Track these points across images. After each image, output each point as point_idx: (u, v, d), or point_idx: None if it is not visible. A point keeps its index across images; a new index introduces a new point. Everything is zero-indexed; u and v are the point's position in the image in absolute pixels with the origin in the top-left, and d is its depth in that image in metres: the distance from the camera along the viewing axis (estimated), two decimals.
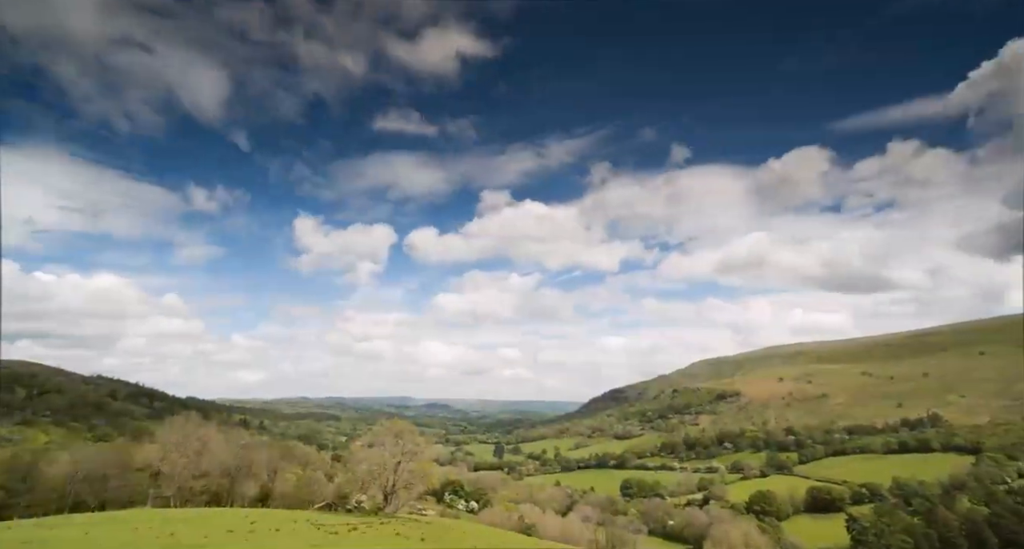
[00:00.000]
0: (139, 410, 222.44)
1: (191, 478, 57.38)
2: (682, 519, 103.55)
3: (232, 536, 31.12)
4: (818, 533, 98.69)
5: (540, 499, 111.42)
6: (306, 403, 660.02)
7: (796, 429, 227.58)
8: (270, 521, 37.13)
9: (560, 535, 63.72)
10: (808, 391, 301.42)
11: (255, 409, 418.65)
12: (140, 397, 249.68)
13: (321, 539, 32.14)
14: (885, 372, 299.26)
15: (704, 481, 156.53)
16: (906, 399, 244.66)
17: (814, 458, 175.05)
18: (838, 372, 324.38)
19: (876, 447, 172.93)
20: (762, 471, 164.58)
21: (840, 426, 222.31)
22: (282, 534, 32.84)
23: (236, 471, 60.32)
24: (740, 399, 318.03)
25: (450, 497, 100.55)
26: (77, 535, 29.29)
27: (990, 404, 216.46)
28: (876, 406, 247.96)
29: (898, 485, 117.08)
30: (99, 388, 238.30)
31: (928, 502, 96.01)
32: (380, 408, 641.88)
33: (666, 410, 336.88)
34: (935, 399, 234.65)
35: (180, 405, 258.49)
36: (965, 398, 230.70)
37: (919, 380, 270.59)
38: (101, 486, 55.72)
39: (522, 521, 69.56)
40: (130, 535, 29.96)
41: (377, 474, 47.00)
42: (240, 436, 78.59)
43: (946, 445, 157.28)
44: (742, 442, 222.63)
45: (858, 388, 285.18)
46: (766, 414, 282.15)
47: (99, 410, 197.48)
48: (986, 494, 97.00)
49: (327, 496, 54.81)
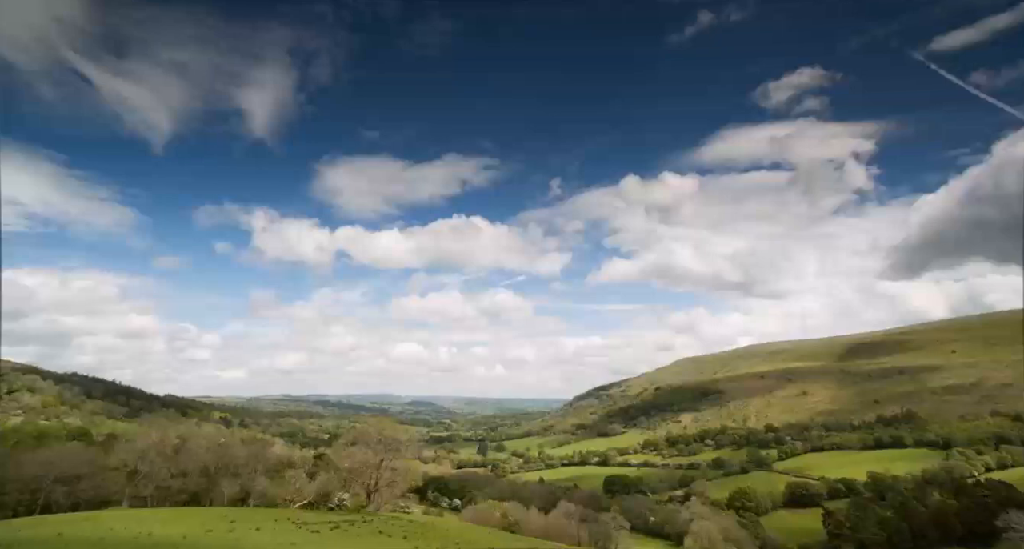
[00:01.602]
0: (116, 408, 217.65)
1: (169, 477, 56.32)
2: (664, 515, 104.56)
3: (211, 535, 30.65)
4: (796, 527, 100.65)
5: (524, 496, 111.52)
6: (288, 401, 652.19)
7: (776, 426, 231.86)
8: (250, 520, 36.66)
9: (543, 531, 63.95)
10: (788, 389, 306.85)
11: (236, 407, 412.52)
12: (117, 395, 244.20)
13: (302, 538, 31.83)
14: (862, 370, 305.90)
15: (686, 478, 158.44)
16: (881, 396, 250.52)
17: (793, 454, 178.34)
18: (817, 370, 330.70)
19: (852, 443, 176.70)
20: (742, 467, 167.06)
21: (818, 423, 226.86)
22: (262, 533, 32.46)
23: (216, 470, 59.36)
24: (722, 397, 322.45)
25: (434, 495, 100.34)
26: (50, 536, 28.59)
27: (960, 401, 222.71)
28: (853, 403, 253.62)
29: (873, 480, 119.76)
30: (74, 386, 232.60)
31: (901, 496, 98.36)
32: (363, 406, 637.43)
33: (649, 408, 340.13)
34: (909, 397, 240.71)
35: (158, 403, 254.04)
36: (938, 395, 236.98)
37: (895, 378, 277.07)
38: (75, 486, 54.38)
39: (505, 518, 69.70)
40: (105, 535, 29.34)
41: (360, 472, 46.72)
42: (220, 434, 77.25)
43: (919, 441, 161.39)
44: (723, 439, 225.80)
45: (836, 386, 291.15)
46: (747, 411, 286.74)
47: (74, 408, 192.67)
48: (955, 487, 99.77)
49: (309, 494, 54.20)
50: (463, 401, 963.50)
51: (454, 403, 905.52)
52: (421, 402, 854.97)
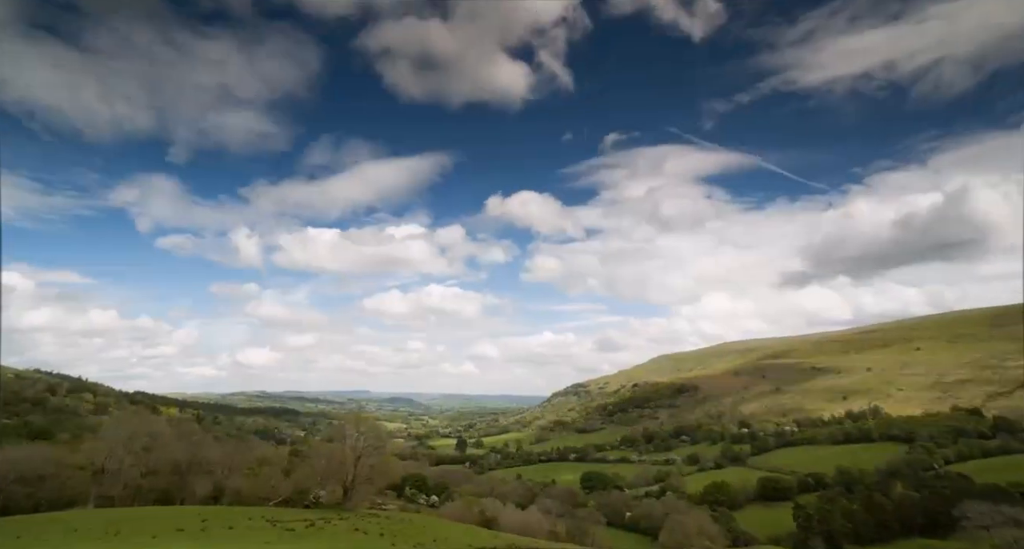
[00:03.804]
0: (82, 406, 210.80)
1: (139, 476, 54.76)
2: (640, 510, 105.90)
3: (182, 535, 29.99)
4: (768, 520, 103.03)
5: (502, 492, 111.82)
6: (264, 397, 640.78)
7: (750, 422, 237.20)
8: (223, 519, 35.94)
9: (521, 527, 64.21)
10: (762, 385, 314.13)
11: (209, 404, 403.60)
12: (82, 392, 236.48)
13: (276, 537, 31.41)
14: (833, 367, 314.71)
15: (661, 473, 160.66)
16: (851, 393, 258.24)
17: (766, 449, 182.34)
18: (790, 367, 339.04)
19: (822, 438, 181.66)
20: (717, 463, 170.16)
21: (791, 419, 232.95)
22: (236, 532, 31.90)
23: (188, 467, 57.98)
24: (698, 393, 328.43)
25: (411, 491, 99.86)
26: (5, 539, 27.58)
27: (923, 396, 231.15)
28: (823, 399, 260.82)
29: (841, 473, 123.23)
30: (36, 383, 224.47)
31: (867, 489, 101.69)
32: (340, 402, 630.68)
33: (627, 404, 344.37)
34: (876, 392, 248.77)
35: (127, 400, 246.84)
36: (903, 391, 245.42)
37: (863, 374, 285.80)
38: (37, 487, 52.49)
39: (483, 514, 69.80)
40: (69, 536, 28.45)
41: (336, 469, 46.26)
42: (193, 431, 75.49)
43: (884, 435, 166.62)
44: (698, 435, 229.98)
45: (808, 382, 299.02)
46: (722, 408, 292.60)
47: (36, 405, 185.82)
48: (917, 480, 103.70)
49: (284, 492, 53.37)
50: (441, 398, 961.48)
51: (432, 400, 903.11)
52: (399, 399, 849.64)
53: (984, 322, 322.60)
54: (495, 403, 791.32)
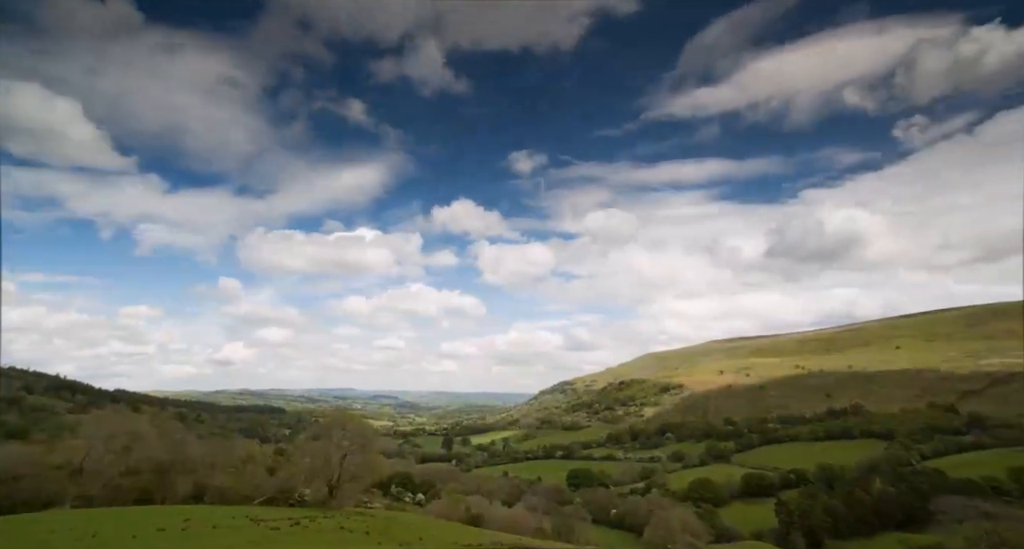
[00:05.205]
0: (60, 404, 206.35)
1: (119, 476, 53.70)
2: (625, 507, 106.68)
3: (163, 535, 29.48)
4: (751, 517, 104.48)
5: (488, 490, 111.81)
6: (248, 395, 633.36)
7: (734, 419, 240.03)
8: (206, 518, 35.42)
9: (507, 525, 64.31)
10: (746, 383, 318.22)
11: (192, 402, 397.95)
12: (61, 390, 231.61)
13: (260, 536, 31.04)
14: (816, 365, 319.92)
15: (647, 470, 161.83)
16: (833, 390, 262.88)
17: (750, 447, 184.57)
18: (774, 365, 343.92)
19: (805, 435, 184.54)
20: (702, 460, 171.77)
21: (774, 416, 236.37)
22: (219, 531, 31.45)
23: (170, 466, 57.01)
24: (683, 391, 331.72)
25: (397, 489, 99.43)
26: None
27: (902, 394, 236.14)
28: (807, 397, 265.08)
29: (822, 470, 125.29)
30: (12, 380, 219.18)
31: (847, 484, 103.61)
32: (326, 400, 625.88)
33: (613, 402, 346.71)
34: (858, 390, 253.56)
35: (108, 398, 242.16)
36: (884, 389, 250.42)
37: (845, 373, 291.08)
38: (12, 488, 51.25)
39: (469, 512, 69.73)
40: (45, 537, 27.84)
41: (322, 467, 45.87)
42: (175, 430, 74.29)
43: (865, 432, 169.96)
44: (683, 432, 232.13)
45: (791, 380, 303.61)
46: (707, 405, 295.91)
47: (12, 404, 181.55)
48: (895, 475, 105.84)
49: (269, 490, 52.77)
50: (428, 395, 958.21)
51: (419, 397, 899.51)
52: (385, 396, 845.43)
53: (960, 322, 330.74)
54: (482, 400, 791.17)
